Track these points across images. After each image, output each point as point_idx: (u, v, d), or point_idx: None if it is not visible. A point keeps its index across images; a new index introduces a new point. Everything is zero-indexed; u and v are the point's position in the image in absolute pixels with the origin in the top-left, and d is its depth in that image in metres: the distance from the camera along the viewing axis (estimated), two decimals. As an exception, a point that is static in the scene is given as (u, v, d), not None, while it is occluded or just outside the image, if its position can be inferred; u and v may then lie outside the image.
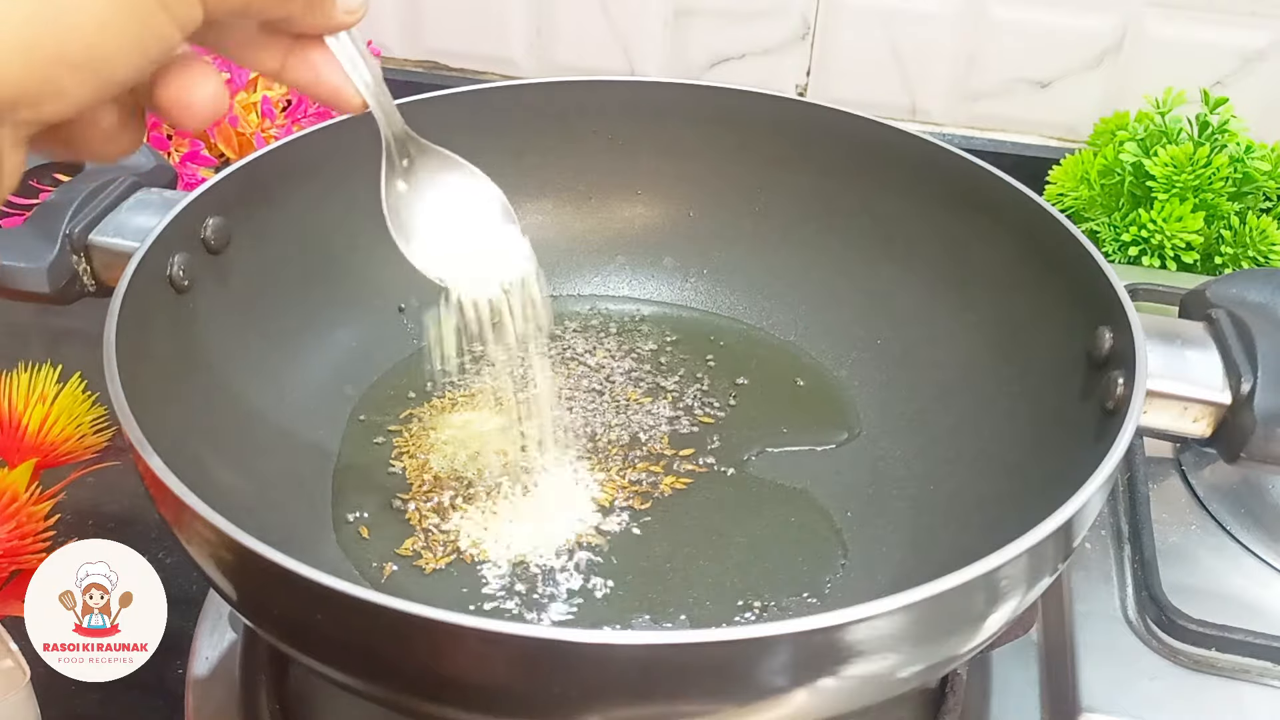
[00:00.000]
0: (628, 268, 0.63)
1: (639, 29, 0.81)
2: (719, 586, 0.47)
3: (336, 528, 0.49)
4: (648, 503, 0.50)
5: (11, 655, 0.43)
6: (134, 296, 0.42)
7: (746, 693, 0.32)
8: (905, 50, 0.77)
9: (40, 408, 0.57)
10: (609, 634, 0.33)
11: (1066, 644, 0.45)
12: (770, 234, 0.61)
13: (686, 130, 0.60)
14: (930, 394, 0.54)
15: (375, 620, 0.31)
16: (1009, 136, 0.79)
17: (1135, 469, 0.51)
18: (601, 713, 0.33)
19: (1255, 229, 0.66)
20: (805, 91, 0.81)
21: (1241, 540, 0.49)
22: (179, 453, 0.37)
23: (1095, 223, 0.70)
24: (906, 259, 0.57)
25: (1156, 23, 0.73)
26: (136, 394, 0.38)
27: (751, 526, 0.50)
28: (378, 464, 0.52)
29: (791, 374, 0.58)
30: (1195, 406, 0.42)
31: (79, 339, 0.66)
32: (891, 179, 0.56)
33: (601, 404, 0.56)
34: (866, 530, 0.49)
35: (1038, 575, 0.36)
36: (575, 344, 0.60)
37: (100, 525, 0.57)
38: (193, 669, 0.47)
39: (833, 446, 0.54)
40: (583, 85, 0.59)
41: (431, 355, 0.47)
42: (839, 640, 0.32)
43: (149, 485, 0.36)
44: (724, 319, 0.61)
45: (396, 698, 0.35)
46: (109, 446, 0.58)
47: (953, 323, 0.54)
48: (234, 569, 0.35)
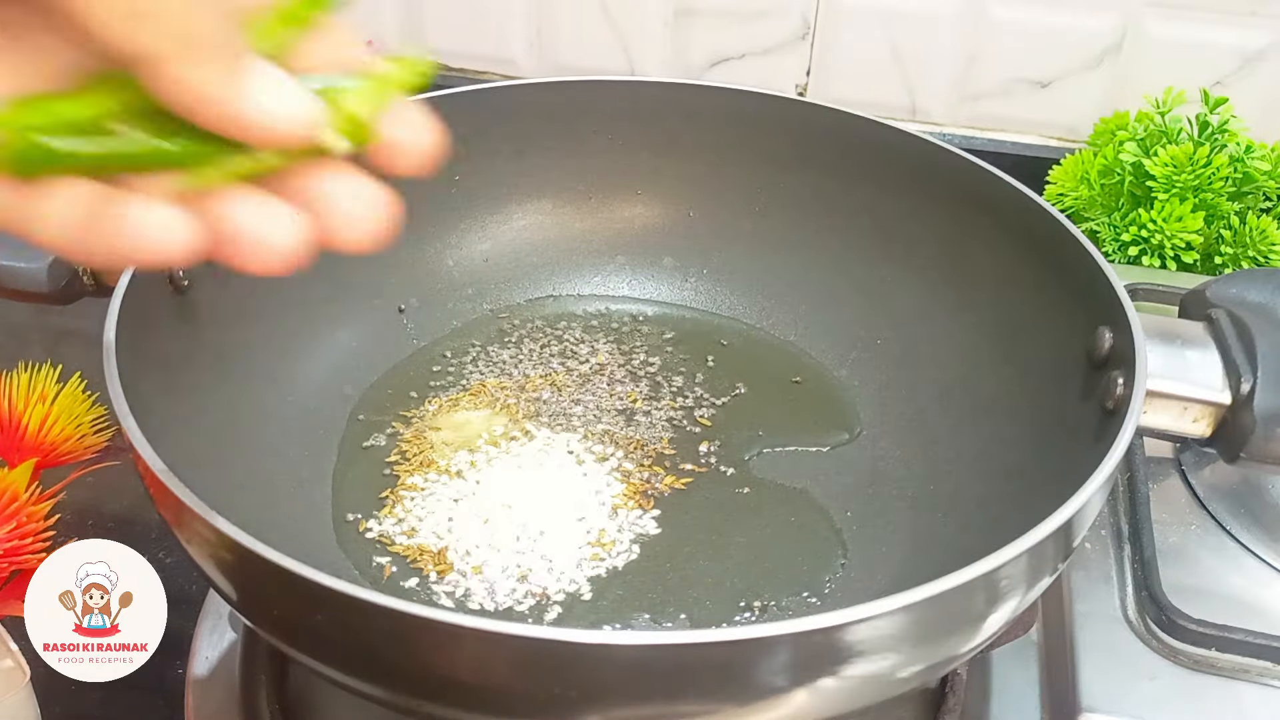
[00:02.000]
0: (628, 268, 0.63)
1: (639, 29, 0.81)
2: (719, 586, 0.47)
3: (336, 528, 0.49)
4: (648, 502, 0.50)
5: (11, 655, 0.43)
6: (134, 296, 0.42)
7: (746, 693, 0.32)
8: (905, 50, 0.77)
9: (40, 408, 0.57)
10: (609, 634, 0.33)
11: (1066, 644, 0.45)
12: (770, 234, 0.61)
13: (686, 130, 0.60)
14: (930, 394, 0.54)
15: (375, 620, 0.31)
16: (1009, 136, 0.79)
17: (1135, 469, 0.51)
18: (601, 713, 0.33)
19: (1255, 229, 0.66)
20: (805, 91, 0.81)
21: (1241, 540, 0.49)
22: (179, 453, 0.36)
23: (1095, 223, 0.70)
24: (906, 259, 0.57)
25: (1156, 23, 0.73)
26: (136, 394, 0.38)
27: (751, 526, 0.50)
28: (378, 464, 0.52)
29: (791, 374, 0.58)
30: (1195, 406, 0.42)
31: (79, 339, 0.66)
32: (891, 179, 0.56)
33: (601, 404, 0.56)
34: (866, 530, 0.49)
35: (1038, 575, 0.36)
36: (575, 344, 0.60)
37: (100, 525, 0.57)
38: (193, 669, 0.47)
39: (832, 446, 0.54)
40: (583, 85, 0.59)
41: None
42: (839, 640, 0.32)
43: (149, 485, 0.36)
44: (724, 319, 0.61)
45: (396, 698, 0.35)
46: (109, 446, 0.58)
47: (953, 323, 0.54)
48: (234, 569, 0.35)
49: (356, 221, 0.26)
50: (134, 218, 0.24)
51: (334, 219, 0.26)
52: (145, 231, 0.24)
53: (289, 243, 0.26)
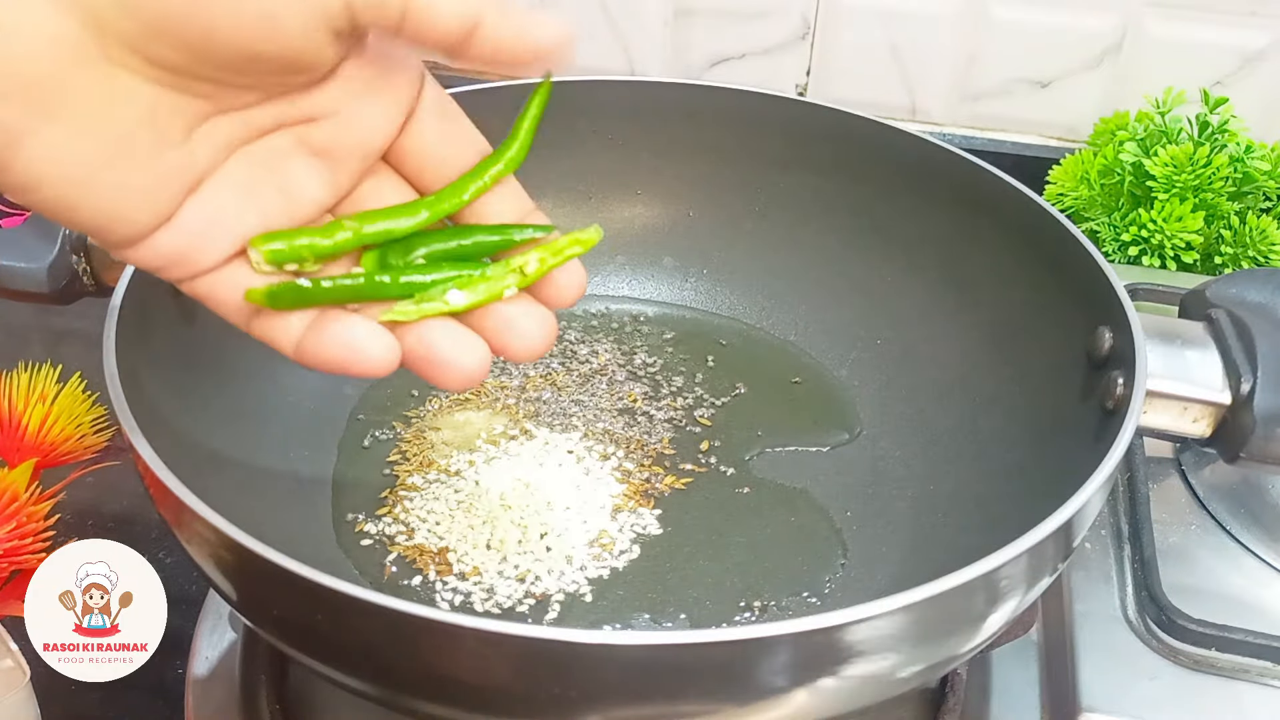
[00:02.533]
0: (628, 268, 0.63)
1: (639, 29, 0.80)
2: (719, 586, 0.47)
3: (336, 528, 0.49)
4: (648, 502, 0.50)
5: (11, 655, 0.43)
6: (134, 296, 0.42)
7: (746, 693, 0.32)
8: (905, 50, 0.77)
9: (40, 408, 0.57)
10: (609, 634, 0.33)
11: (1066, 644, 0.45)
12: (770, 234, 0.61)
13: (686, 130, 0.60)
14: (930, 394, 0.54)
15: (375, 620, 0.31)
16: (1009, 136, 0.79)
17: (1135, 469, 0.51)
18: (601, 713, 0.33)
19: (1255, 229, 0.66)
20: (805, 91, 0.81)
21: (1241, 540, 0.49)
22: (179, 453, 0.37)
23: (1095, 223, 0.70)
24: (906, 259, 0.57)
25: (1156, 23, 0.73)
26: (136, 394, 0.38)
27: (751, 526, 0.50)
28: (377, 464, 0.52)
29: (791, 374, 0.58)
30: (1195, 406, 0.42)
31: (79, 339, 0.66)
32: (891, 179, 0.56)
33: (602, 404, 0.56)
34: (866, 530, 0.49)
35: (1038, 575, 0.36)
36: (575, 344, 0.60)
37: (100, 525, 0.57)
38: (193, 669, 0.47)
39: (832, 446, 0.54)
40: (583, 85, 0.59)
41: None
42: (839, 640, 0.32)
43: (149, 485, 0.36)
44: (724, 319, 0.61)
45: (396, 698, 0.35)
46: (109, 446, 0.58)
47: (952, 323, 0.54)
48: (234, 569, 0.35)
49: (531, 341, 0.32)
50: (346, 335, 0.30)
51: (511, 339, 0.32)
52: (355, 345, 0.30)
53: (475, 363, 0.31)
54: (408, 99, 0.32)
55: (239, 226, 0.30)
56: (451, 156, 0.33)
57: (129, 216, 0.29)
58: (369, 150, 0.32)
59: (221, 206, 0.30)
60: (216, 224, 0.30)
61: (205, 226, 0.30)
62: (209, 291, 0.31)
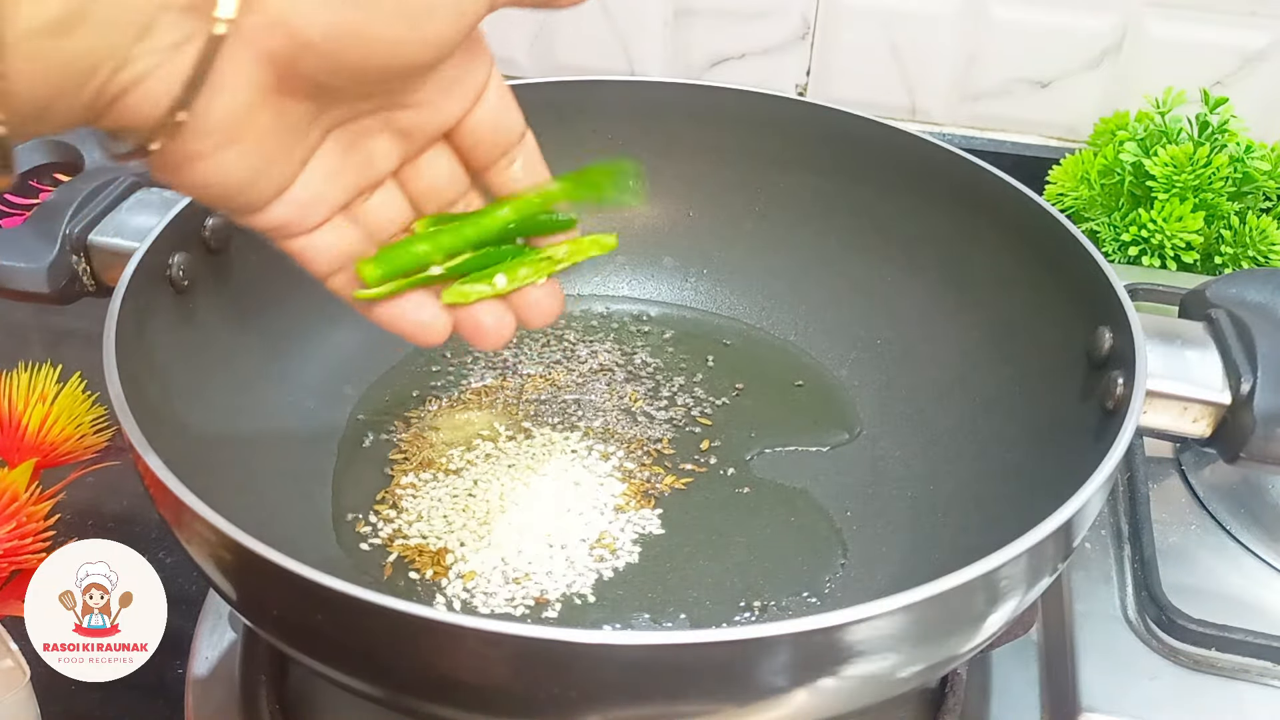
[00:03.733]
0: (628, 268, 0.63)
1: (639, 29, 0.81)
2: (719, 586, 0.47)
3: (336, 528, 0.49)
4: (648, 502, 0.50)
5: (11, 655, 0.43)
6: (134, 296, 0.42)
7: (746, 693, 0.32)
8: (905, 50, 0.77)
9: (40, 408, 0.57)
10: (609, 634, 0.33)
11: (1066, 644, 0.45)
12: (770, 234, 0.61)
13: (686, 130, 0.60)
14: (930, 394, 0.54)
15: (375, 620, 0.31)
16: (1009, 136, 0.79)
17: (1135, 469, 0.51)
18: (601, 713, 0.33)
19: (1255, 229, 0.66)
20: (805, 91, 0.81)
21: (1241, 540, 0.49)
22: (179, 453, 0.37)
23: (1095, 223, 0.70)
24: (906, 259, 0.57)
25: (1156, 23, 0.73)
26: (136, 394, 0.38)
27: (751, 526, 0.50)
28: (378, 464, 0.52)
29: (791, 374, 0.58)
30: (1195, 406, 0.42)
31: (79, 339, 0.66)
32: (891, 179, 0.56)
33: (602, 404, 0.56)
34: (866, 530, 0.49)
35: (1038, 575, 0.36)
36: (575, 344, 0.60)
37: (100, 525, 0.57)
38: (193, 669, 0.47)
39: (832, 446, 0.54)
40: (583, 85, 0.59)
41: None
42: (839, 640, 0.32)
43: (149, 485, 0.36)
44: (724, 319, 0.61)
45: (396, 698, 0.35)
46: (109, 446, 0.58)
47: (952, 323, 0.54)
48: (234, 569, 0.35)
49: (546, 314, 0.39)
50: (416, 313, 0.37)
51: (533, 314, 0.39)
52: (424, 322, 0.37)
53: (507, 332, 0.38)
54: (481, 85, 0.35)
55: (334, 197, 0.34)
56: (501, 135, 0.37)
57: (256, 194, 0.32)
58: (442, 130, 0.36)
59: (324, 179, 0.34)
60: (319, 196, 0.34)
61: (310, 198, 0.34)
62: (301, 249, 0.35)
